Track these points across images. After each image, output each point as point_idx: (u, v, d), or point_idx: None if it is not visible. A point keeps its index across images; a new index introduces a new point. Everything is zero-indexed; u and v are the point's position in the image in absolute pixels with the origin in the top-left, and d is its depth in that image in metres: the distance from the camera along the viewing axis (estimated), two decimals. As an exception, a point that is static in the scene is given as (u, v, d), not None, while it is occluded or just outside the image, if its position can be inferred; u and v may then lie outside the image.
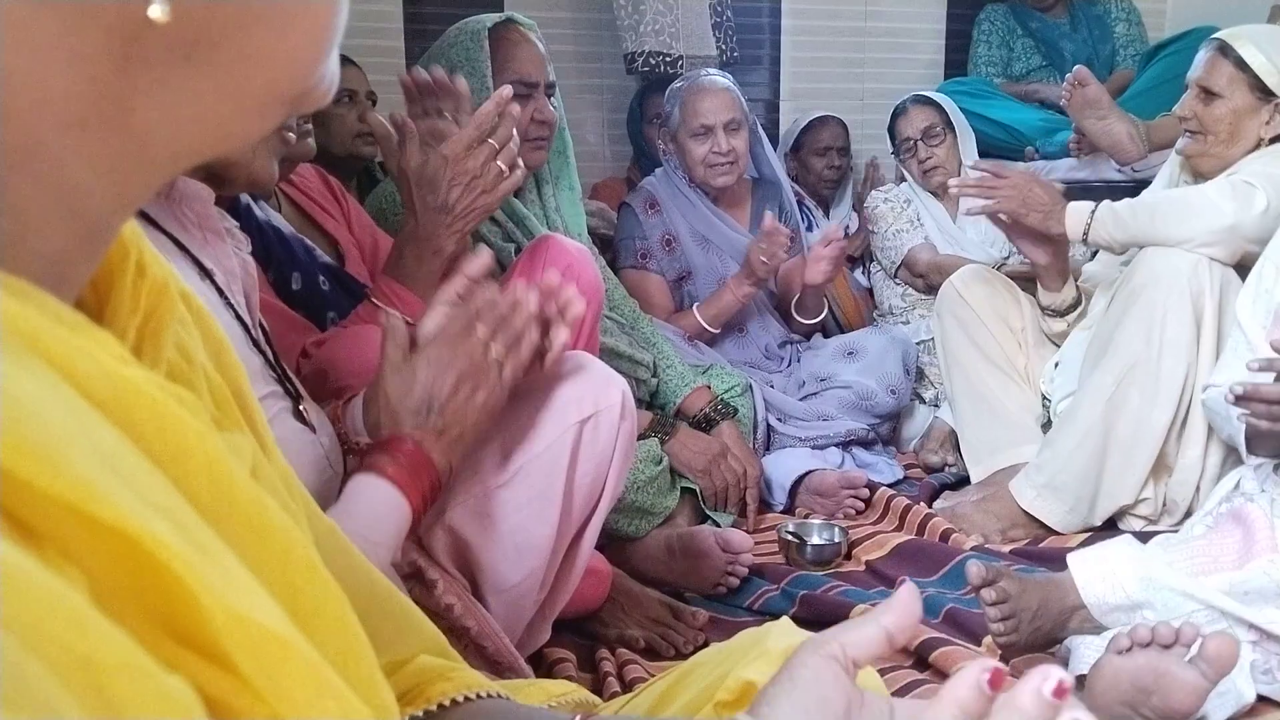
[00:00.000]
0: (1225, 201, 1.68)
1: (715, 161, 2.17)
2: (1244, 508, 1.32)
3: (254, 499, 0.30)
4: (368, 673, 0.35)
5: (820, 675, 0.42)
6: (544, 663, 1.31)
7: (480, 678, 0.61)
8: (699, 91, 2.19)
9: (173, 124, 0.30)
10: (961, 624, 1.45)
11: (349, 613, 0.35)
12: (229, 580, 0.25)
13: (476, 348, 0.96)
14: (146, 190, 0.32)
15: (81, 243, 0.30)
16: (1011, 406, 1.99)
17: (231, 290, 0.92)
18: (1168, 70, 2.72)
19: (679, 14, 2.80)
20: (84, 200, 0.29)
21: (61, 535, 0.22)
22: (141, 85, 0.28)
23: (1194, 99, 1.83)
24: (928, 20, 3.47)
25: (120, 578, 0.23)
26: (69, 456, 0.22)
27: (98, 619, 0.21)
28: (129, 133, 0.29)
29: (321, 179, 1.76)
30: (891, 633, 0.44)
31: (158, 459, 0.26)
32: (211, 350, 0.43)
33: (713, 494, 1.82)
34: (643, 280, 2.22)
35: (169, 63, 0.28)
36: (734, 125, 2.17)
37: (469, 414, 0.95)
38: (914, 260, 2.51)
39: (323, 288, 1.44)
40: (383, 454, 0.93)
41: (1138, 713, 1.07)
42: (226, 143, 0.32)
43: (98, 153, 0.29)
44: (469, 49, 1.61)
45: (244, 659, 0.24)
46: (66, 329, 0.25)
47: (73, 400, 0.24)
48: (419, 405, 0.94)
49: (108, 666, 0.20)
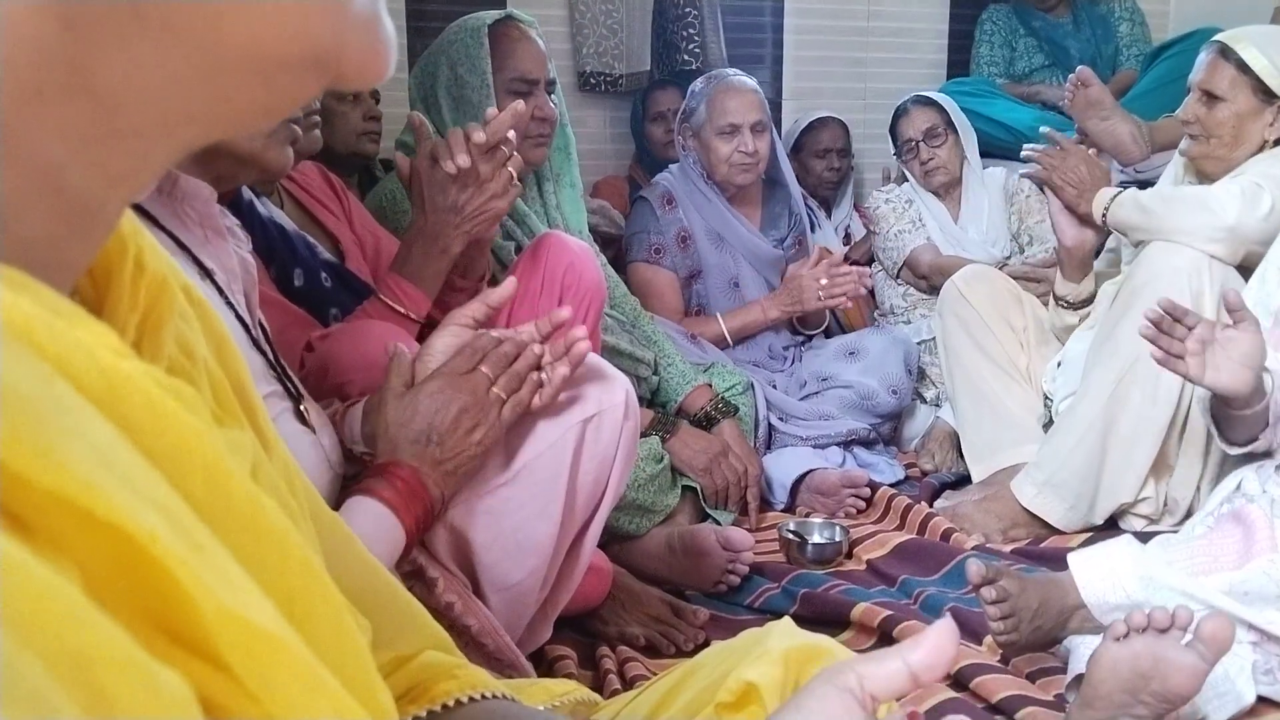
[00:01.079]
0: (1232, 202, 1.69)
1: (740, 160, 2.18)
2: (1244, 508, 1.31)
3: (251, 498, 0.30)
4: (364, 675, 0.34)
5: (828, 708, 0.40)
6: (545, 660, 1.31)
7: (486, 677, 0.61)
8: (727, 90, 2.20)
9: (144, 87, 0.27)
10: (963, 623, 1.44)
11: (345, 615, 0.34)
12: (223, 578, 0.25)
13: (480, 385, 0.97)
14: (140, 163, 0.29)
15: (68, 223, 0.28)
16: (1013, 406, 1.99)
17: (232, 290, 0.91)
18: (1171, 71, 2.72)
19: (622, 37, 3.09)
20: (61, 176, 0.27)
21: (55, 529, 0.22)
22: (95, 47, 0.26)
23: (1196, 102, 1.82)
24: (930, 20, 3.47)
25: (114, 573, 0.23)
26: (63, 450, 0.22)
27: (93, 613, 0.21)
28: (94, 99, 0.27)
29: (323, 176, 1.76)
30: (916, 672, 0.41)
31: (153, 454, 0.26)
32: (213, 344, 0.43)
33: (713, 493, 1.82)
34: (654, 275, 2.22)
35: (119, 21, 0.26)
36: (760, 127, 2.19)
37: (467, 448, 0.97)
38: (916, 261, 2.50)
39: (325, 284, 1.44)
40: (379, 479, 0.94)
41: (1137, 699, 1.07)
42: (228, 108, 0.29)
43: (66, 123, 0.27)
44: (469, 46, 1.61)
45: (236, 657, 0.24)
46: (63, 321, 0.24)
47: (67, 394, 0.23)
48: (418, 435, 0.96)
49: (103, 661, 0.20)
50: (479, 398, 0.97)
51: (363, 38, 0.30)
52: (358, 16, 0.30)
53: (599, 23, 3.08)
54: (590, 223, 2.15)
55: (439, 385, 0.97)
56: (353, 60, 0.30)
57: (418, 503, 0.94)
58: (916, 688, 0.42)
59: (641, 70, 3.13)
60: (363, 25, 0.30)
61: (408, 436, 0.96)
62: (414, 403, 0.97)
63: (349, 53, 0.30)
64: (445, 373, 0.98)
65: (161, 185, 0.87)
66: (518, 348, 1.00)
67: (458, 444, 0.97)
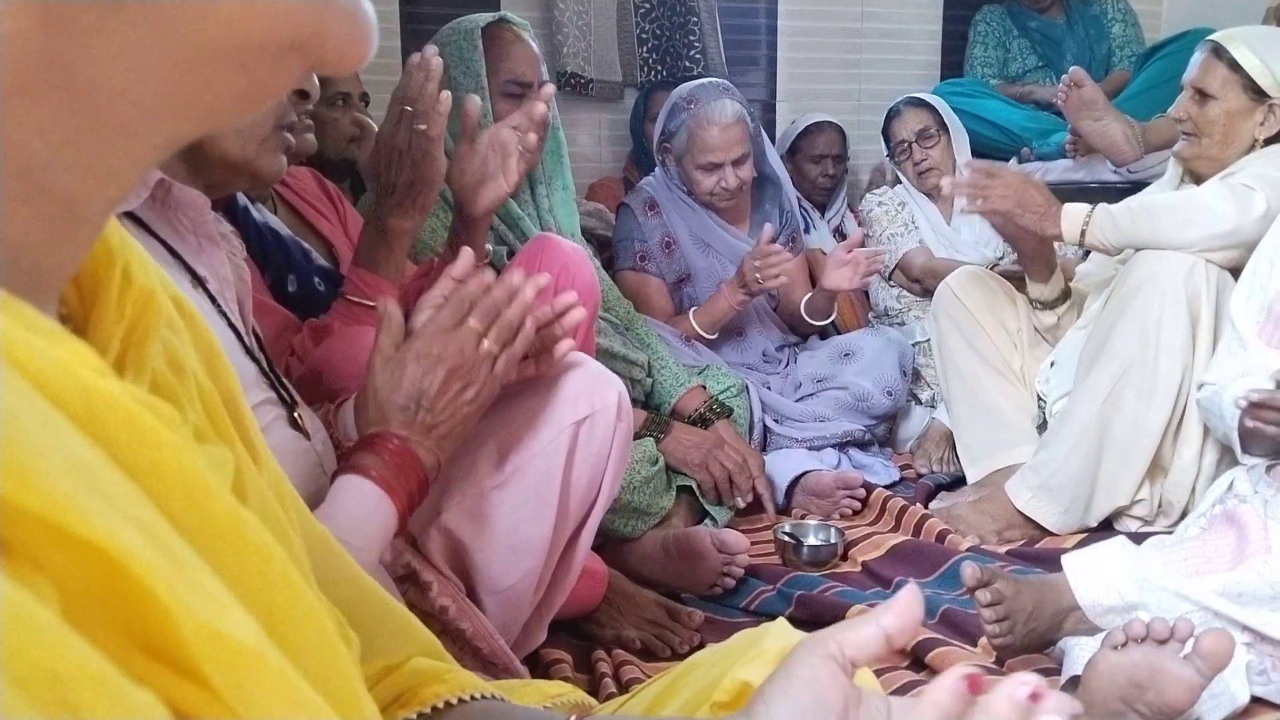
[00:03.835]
0: (1225, 206, 1.68)
1: (720, 194, 2.16)
2: (1237, 509, 1.32)
3: (231, 514, 0.30)
4: (348, 689, 0.34)
5: (817, 674, 0.42)
6: (540, 663, 1.31)
7: (475, 679, 0.61)
8: (709, 124, 2.10)
9: (123, 79, 0.27)
10: (958, 625, 1.45)
11: (329, 631, 0.34)
12: (202, 594, 0.24)
13: (469, 341, 0.92)
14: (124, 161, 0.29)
15: (53, 226, 0.28)
16: (1007, 408, 1.99)
17: (224, 297, 0.91)
18: (1164, 71, 2.73)
19: (591, 40, 3.13)
20: (45, 176, 0.27)
21: (32, 548, 0.22)
22: (74, 40, 0.26)
23: (1188, 101, 1.83)
24: (924, 21, 3.47)
25: (91, 591, 0.23)
26: (41, 468, 0.22)
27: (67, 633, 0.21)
28: (76, 94, 0.27)
29: (317, 181, 1.76)
30: (890, 634, 0.44)
31: (132, 472, 0.25)
32: (203, 356, 0.43)
33: (712, 486, 1.80)
34: (642, 283, 2.21)
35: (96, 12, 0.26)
36: (741, 160, 2.13)
37: (459, 410, 0.92)
38: (909, 264, 2.51)
39: (318, 289, 1.44)
40: (368, 453, 0.89)
41: (1132, 708, 1.07)
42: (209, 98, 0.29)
43: (48, 121, 0.26)
44: (462, 48, 1.61)
45: (215, 672, 0.24)
46: (42, 339, 0.24)
47: (46, 411, 0.23)
48: (407, 400, 0.91)
49: (76, 682, 0.20)
50: (467, 356, 0.91)
51: (343, 20, 0.30)
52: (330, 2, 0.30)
53: (573, 23, 3.10)
54: (586, 225, 2.16)
55: (424, 345, 0.91)
56: (333, 44, 0.30)
57: (410, 475, 0.90)
58: (890, 649, 0.44)
59: (613, 80, 3.17)
60: (342, 8, 0.30)
61: (396, 404, 0.91)
62: (400, 366, 0.91)
63: (329, 37, 0.30)
64: (431, 330, 0.92)
65: (155, 193, 0.87)
66: (508, 292, 0.93)
67: (449, 406, 0.91)
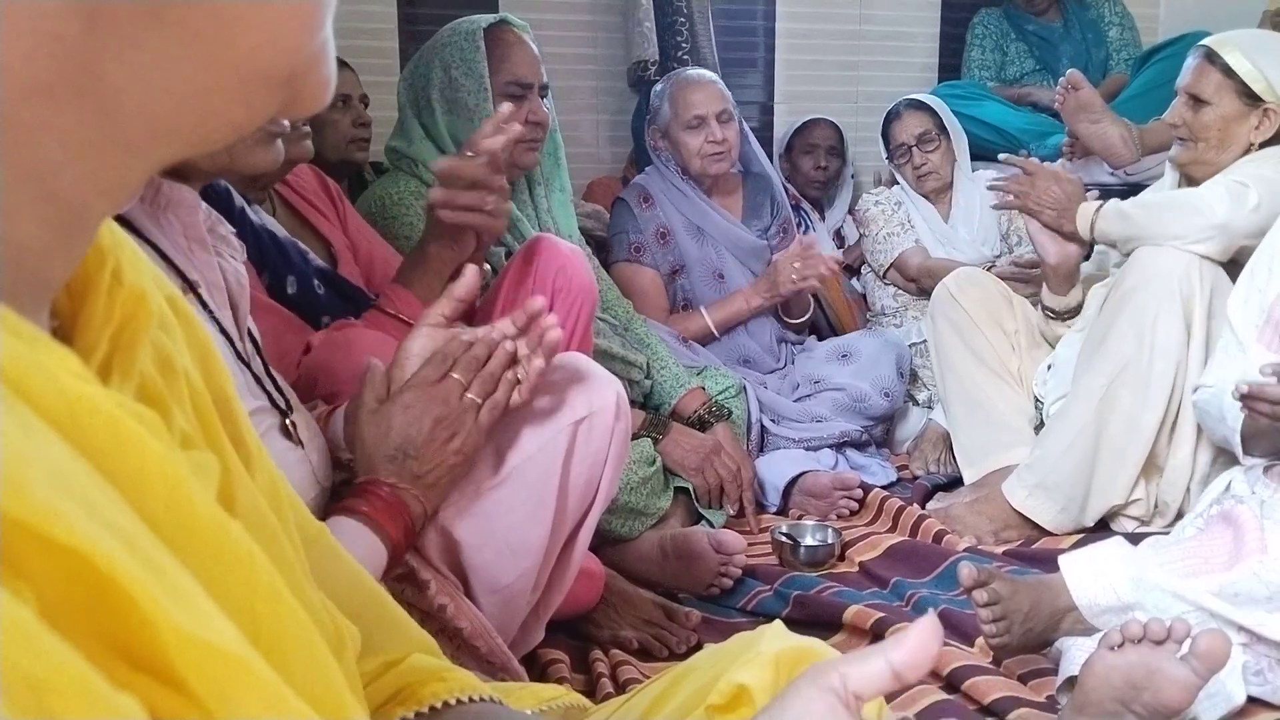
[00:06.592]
0: (1219, 200, 1.70)
1: (711, 151, 2.19)
2: (1234, 509, 1.32)
3: (215, 520, 0.29)
4: (335, 696, 0.34)
5: (812, 709, 0.41)
6: (538, 663, 1.31)
7: (473, 680, 0.61)
8: (688, 85, 2.24)
9: (146, 94, 0.27)
10: (955, 625, 1.45)
11: (315, 638, 0.34)
12: (183, 600, 0.24)
13: (453, 392, 0.95)
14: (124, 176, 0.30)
15: (56, 232, 0.28)
16: (1004, 408, 1.99)
17: (216, 302, 0.91)
18: (1161, 74, 2.72)
19: None
20: (56, 181, 0.27)
21: (13, 554, 0.22)
22: (112, 47, 0.26)
23: (1183, 106, 1.84)
24: (922, 24, 3.47)
25: (73, 598, 0.23)
26: (21, 474, 0.21)
27: (47, 637, 0.21)
28: (100, 104, 0.27)
29: (319, 180, 1.76)
30: (899, 671, 0.42)
31: (114, 478, 0.25)
32: (197, 356, 0.42)
33: (706, 492, 1.82)
34: (636, 274, 2.22)
35: (140, 22, 0.26)
36: (725, 116, 2.21)
37: (446, 459, 0.95)
38: (905, 264, 2.51)
39: (317, 291, 1.44)
40: (359, 498, 0.93)
41: (1129, 709, 1.07)
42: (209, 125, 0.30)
43: (69, 126, 0.27)
44: (464, 49, 1.61)
45: (196, 679, 0.24)
46: (24, 344, 0.24)
47: (26, 417, 0.23)
48: (395, 452, 0.94)
49: (57, 688, 0.20)
50: (452, 406, 0.95)
51: (321, 65, 0.31)
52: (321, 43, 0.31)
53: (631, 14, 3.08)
54: (584, 226, 2.16)
55: (411, 398, 0.95)
56: (309, 86, 0.31)
57: (398, 522, 0.93)
58: (900, 686, 0.42)
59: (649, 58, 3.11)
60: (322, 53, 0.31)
61: (384, 454, 0.94)
62: (387, 419, 0.95)
63: (309, 77, 0.31)
64: (416, 384, 0.96)
65: (144, 193, 0.87)
66: (488, 348, 0.97)
67: (436, 455, 0.95)
